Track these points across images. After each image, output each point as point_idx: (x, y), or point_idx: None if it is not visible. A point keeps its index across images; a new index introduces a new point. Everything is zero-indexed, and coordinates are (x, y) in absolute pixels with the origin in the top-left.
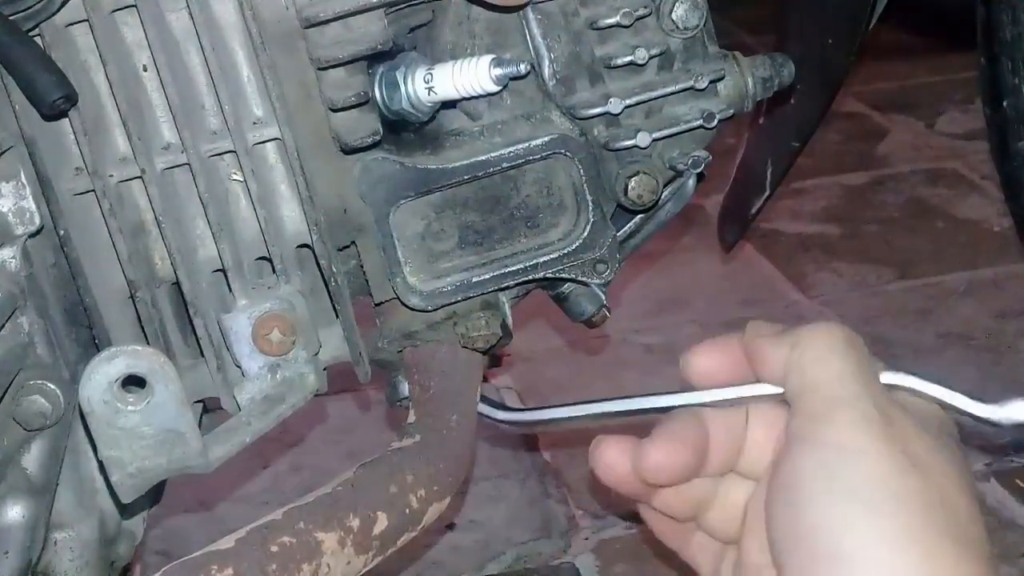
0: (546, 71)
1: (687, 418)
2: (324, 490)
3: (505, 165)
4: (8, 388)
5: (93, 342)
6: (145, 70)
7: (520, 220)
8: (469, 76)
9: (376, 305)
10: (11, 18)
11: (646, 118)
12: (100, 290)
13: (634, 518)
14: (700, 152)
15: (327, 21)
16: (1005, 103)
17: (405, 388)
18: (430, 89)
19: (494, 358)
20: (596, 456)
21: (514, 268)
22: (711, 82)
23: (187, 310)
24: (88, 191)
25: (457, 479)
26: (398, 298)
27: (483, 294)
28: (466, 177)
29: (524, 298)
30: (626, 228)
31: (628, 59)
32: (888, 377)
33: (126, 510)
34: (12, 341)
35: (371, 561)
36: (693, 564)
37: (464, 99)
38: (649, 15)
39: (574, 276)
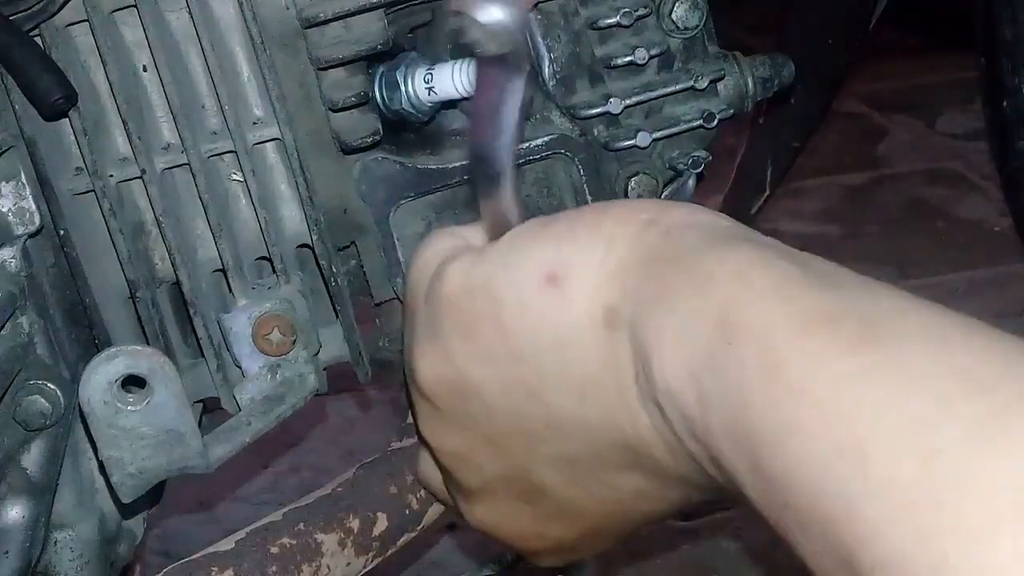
0: (546, 71)
1: None
2: (324, 491)
3: None
4: (8, 388)
5: (93, 342)
6: (145, 70)
7: None
8: (470, 76)
9: (376, 305)
10: (11, 18)
11: (646, 118)
12: (100, 290)
13: None
14: (700, 152)
15: (327, 21)
16: (1005, 103)
17: None
18: (430, 89)
19: None
20: None
21: None
22: (711, 82)
23: (187, 310)
24: (88, 191)
25: None
26: (398, 298)
27: None
28: (466, 177)
29: None
30: None
31: (628, 59)
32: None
33: (126, 510)
34: (12, 341)
35: (371, 562)
36: None
37: (464, 99)
38: (649, 15)
39: None
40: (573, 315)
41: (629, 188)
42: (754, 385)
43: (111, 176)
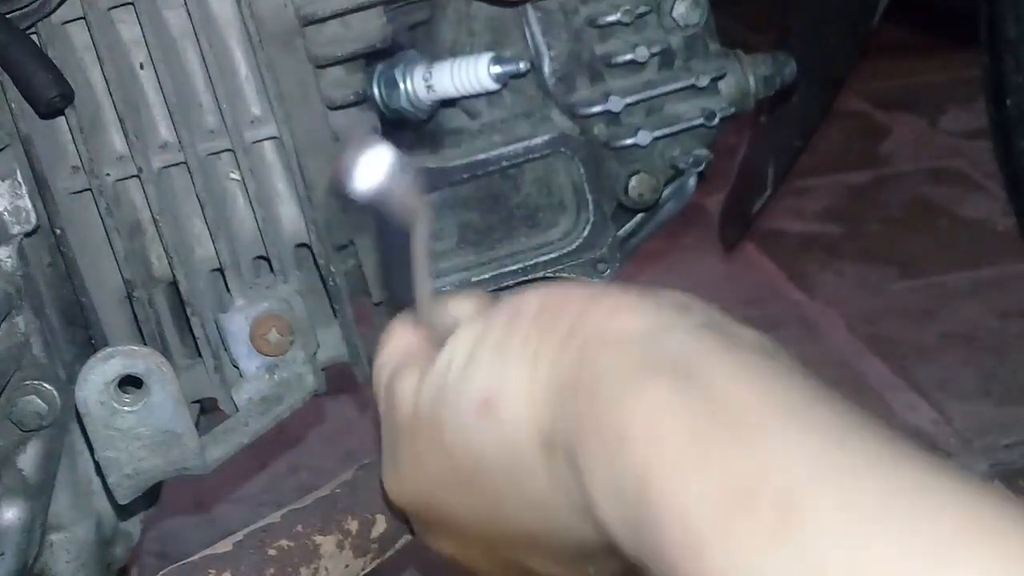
0: (546, 69)
1: None
2: (322, 492)
3: (505, 164)
4: (4, 389)
5: (89, 342)
6: (142, 68)
7: (520, 219)
8: (468, 74)
9: (375, 305)
10: (8, 16)
11: (647, 116)
12: (96, 290)
13: None
14: (701, 151)
15: (325, 19)
16: (1009, 101)
17: None
18: (429, 87)
19: None
20: None
21: (513, 268)
22: (712, 80)
23: (184, 310)
24: (85, 190)
25: None
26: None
27: None
28: (465, 176)
29: None
30: (626, 227)
31: (629, 57)
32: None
33: (123, 511)
34: (8, 341)
35: (370, 564)
36: None
37: (464, 97)
38: (650, 13)
39: (574, 276)
40: (512, 440)
41: (630, 187)
42: (679, 565)
43: (108, 175)
